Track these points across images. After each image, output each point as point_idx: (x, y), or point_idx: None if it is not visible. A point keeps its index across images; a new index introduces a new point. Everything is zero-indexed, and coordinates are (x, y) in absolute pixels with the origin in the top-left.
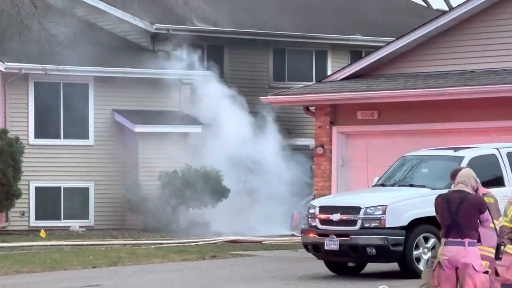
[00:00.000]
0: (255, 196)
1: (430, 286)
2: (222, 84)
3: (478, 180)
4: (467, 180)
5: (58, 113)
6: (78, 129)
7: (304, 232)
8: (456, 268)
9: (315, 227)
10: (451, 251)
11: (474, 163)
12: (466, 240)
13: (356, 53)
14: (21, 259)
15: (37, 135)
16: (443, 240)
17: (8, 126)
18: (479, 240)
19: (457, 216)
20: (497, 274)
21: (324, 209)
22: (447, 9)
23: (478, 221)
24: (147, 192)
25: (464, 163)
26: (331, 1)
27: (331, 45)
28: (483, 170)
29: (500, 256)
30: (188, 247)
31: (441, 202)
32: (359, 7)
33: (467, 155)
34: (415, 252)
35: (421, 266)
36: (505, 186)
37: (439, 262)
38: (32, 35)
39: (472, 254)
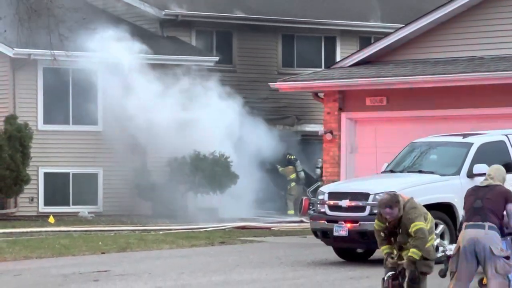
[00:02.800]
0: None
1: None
2: (230, 71)
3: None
4: (497, 177)
5: (67, 99)
6: (87, 115)
7: (313, 218)
8: (476, 254)
9: (324, 213)
10: (470, 234)
11: (483, 150)
12: (487, 224)
13: (365, 39)
14: (30, 244)
15: (46, 121)
16: (465, 224)
17: (17, 112)
18: (502, 232)
19: (482, 201)
20: None
21: (333, 195)
22: None
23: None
24: (155, 178)
25: (473, 149)
26: None
27: (340, 31)
28: (492, 156)
29: None
30: (196, 233)
31: (470, 190)
32: None
33: (476, 141)
34: None
35: None
36: None
37: (459, 248)
38: (41, 21)
39: (491, 238)
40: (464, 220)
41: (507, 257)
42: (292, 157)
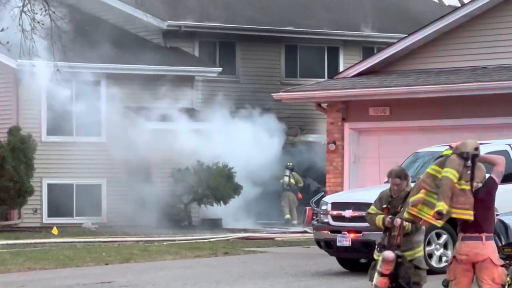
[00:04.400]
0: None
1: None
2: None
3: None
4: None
5: (70, 110)
6: (90, 126)
7: (316, 228)
8: (473, 263)
9: (327, 223)
10: (469, 246)
11: None
12: (483, 235)
13: (368, 50)
14: (33, 256)
15: (50, 132)
16: (460, 235)
17: (20, 123)
18: (494, 232)
19: (474, 210)
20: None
21: (336, 205)
22: (459, 5)
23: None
24: (159, 189)
25: None
26: None
27: (343, 41)
28: None
29: None
30: (200, 243)
31: None
32: (371, 2)
33: None
34: (427, 248)
35: (433, 262)
36: None
37: (455, 256)
38: (44, 32)
39: (489, 248)
40: (459, 231)
41: (503, 265)
42: (289, 164)
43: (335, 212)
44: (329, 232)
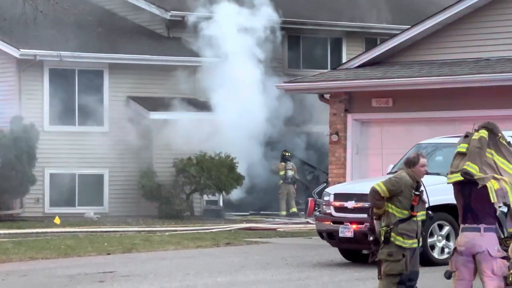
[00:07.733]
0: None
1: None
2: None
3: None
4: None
5: (73, 100)
6: (93, 116)
7: (318, 219)
8: (473, 254)
9: (330, 214)
10: (467, 237)
11: None
12: (482, 226)
13: (371, 41)
14: (35, 245)
15: (52, 122)
16: (461, 226)
17: (23, 113)
18: (500, 224)
19: (470, 201)
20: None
21: (338, 196)
22: None
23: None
24: (161, 179)
25: None
26: None
27: (346, 32)
28: None
29: None
30: (202, 234)
31: (454, 185)
32: None
33: None
34: (429, 240)
35: (435, 253)
36: None
37: (455, 248)
38: (47, 22)
39: (487, 240)
40: (460, 222)
41: (504, 257)
42: (287, 154)
43: (337, 203)
44: (331, 223)
